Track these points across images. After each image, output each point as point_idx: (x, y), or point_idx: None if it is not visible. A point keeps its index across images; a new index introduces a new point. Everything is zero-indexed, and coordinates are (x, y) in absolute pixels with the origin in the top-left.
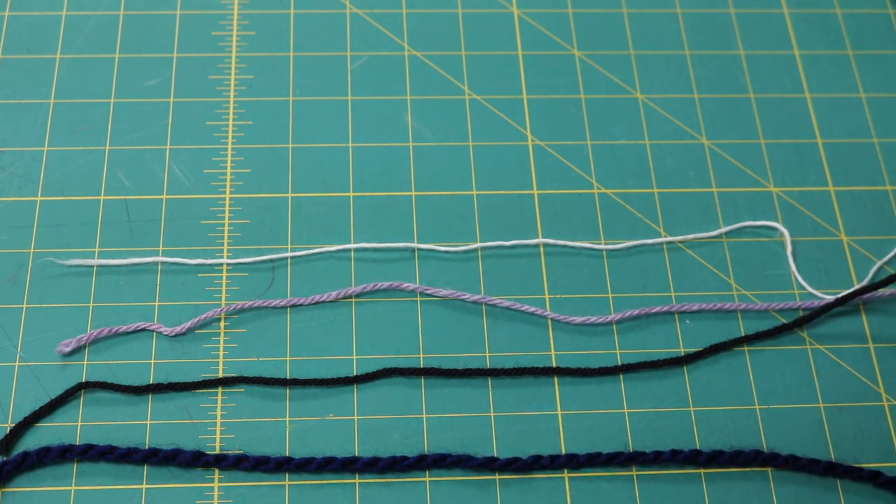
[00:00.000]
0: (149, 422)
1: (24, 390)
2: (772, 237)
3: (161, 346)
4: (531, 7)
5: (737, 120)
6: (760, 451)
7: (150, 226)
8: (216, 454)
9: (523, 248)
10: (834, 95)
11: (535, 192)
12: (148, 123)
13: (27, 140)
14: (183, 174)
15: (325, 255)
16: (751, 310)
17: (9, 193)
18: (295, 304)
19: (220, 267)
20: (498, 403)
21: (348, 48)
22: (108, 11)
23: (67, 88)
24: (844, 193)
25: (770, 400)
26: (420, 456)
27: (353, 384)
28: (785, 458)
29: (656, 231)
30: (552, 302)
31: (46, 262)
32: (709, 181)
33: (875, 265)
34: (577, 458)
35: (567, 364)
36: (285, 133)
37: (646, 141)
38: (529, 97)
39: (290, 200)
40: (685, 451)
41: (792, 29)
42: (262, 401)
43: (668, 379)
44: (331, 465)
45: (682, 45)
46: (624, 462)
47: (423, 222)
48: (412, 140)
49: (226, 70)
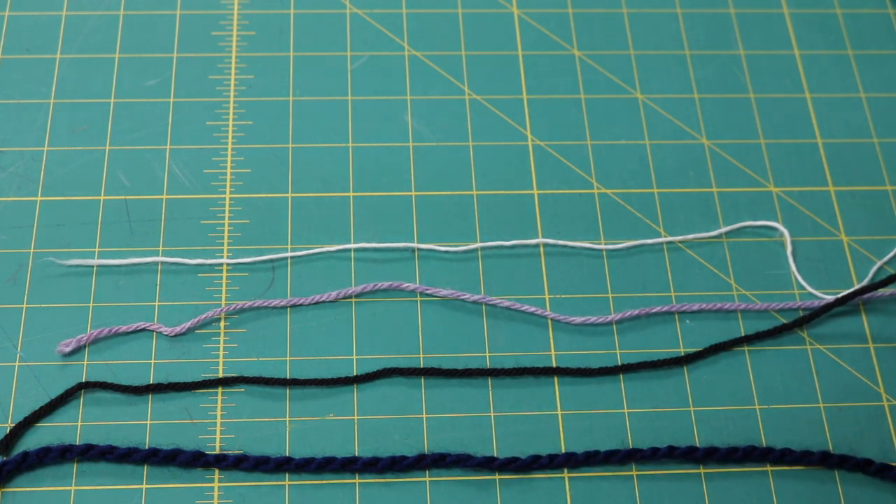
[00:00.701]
0: (149, 422)
1: (24, 390)
2: (772, 237)
3: (161, 346)
4: (531, 7)
5: (737, 120)
6: (755, 447)
7: (150, 226)
8: (216, 454)
9: (523, 248)
10: (834, 95)
11: (535, 192)
12: (148, 123)
13: (27, 140)
14: (183, 174)
15: (325, 255)
16: (751, 310)
17: (9, 193)
18: (295, 304)
19: (220, 267)
20: (498, 403)
21: (348, 48)
22: (108, 11)
23: (67, 88)
24: (844, 193)
25: (770, 400)
26: (419, 455)
27: (353, 384)
28: (780, 451)
29: (656, 231)
30: (552, 302)
31: (46, 262)
32: (709, 181)
33: (875, 265)
34: (576, 456)
35: (567, 364)
36: (285, 133)
37: (646, 141)
38: (529, 97)
39: (290, 200)
40: (682, 448)
41: (792, 29)
42: (262, 401)
43: (668, 379)
44: (331, 465)
45: (682, 45)
46: (622, 459)
47: (423, 222)
48: (412, 140)
49: (226, 70)
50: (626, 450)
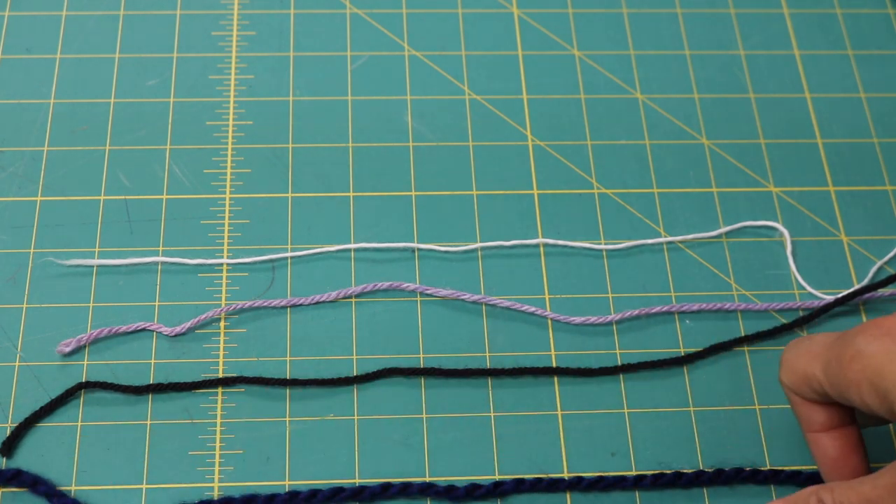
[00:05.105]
0: (149, 422)
1: (24, 390)
2: (772, 237)
3: (161, 346)
4: (531, 7)
5: (737, 120)
6: (758, 471)
7: (150, 226)
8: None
9: (523, 248)
10: (834, 95)
11: (535, 192)
12: (148, 123)
13: (27, 140)
14: (183, 174)
15: (325, 255)
16: (751, 310)
17: (9, 193)
18: (295, 304)
19: (220, 267)
20: (498, 403)
21: (348, 48)
22: (108, 11)
23: (67, 88)
24: (844, 193)
25: (770, 400)
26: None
27: (353, 384)
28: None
29: (656, 231)
30: (552, 302)
31: (46, 262)
32: (709, 181)
33: (875, 265)
34: (583, 480)
35: (567, 364)
36: (285, 133)
37: (646, 141)
38: (529, 97)
39: (290, 200)
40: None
41: (792, 29)
42: (262, 401)
43: (668, 379)
44: (340, 495)
45: (682, 45)
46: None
47: (423, 222)
48: (412, 140)
49: (226, 70)
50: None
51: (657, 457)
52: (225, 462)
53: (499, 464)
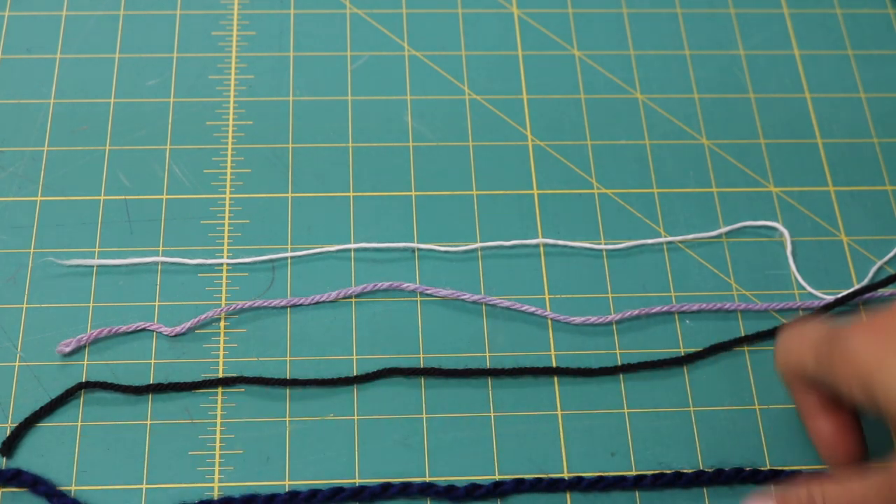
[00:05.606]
0: (149, 422)
1: (24, 390)
2: (772, 237)
3: (161, 346)
4: (531, 7)
5: (737, 120)
6: (758, 471)
7: (150, 226)
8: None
9: (523, 248)
10: (834, 95)
11: (535, 192)
12: (148, 123)
13: (27, 140)
14: (183, 174)
15: (325, 255)
16: (751, 310)
17: (9, 193)
18: (295, 304)
19: (220, 267)
20: (498, 403)
21: (348, 48)
22: (108, 11)
23: (67, 88)
24: (844, 193)
25: (770, 400)
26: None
27: (353, 384)
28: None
29: (656, 231)
30: (552, 302)
31: (46, 262)
32: (709, 181)
33: (875, 265)
34: (583, 480)
35: (567, 364)
36: (285, 133)
37: (646, 141)
38: (529, 97)
39: (290, 200)
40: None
41: (792, 29)
42: (262, 401)
43: (668, 379)
44: (340, 496)
45: (682, 45)
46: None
47: (423, 222)
48: (412, 140)
49: (226, 70)
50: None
51: (657, 457)
52: (225, 462)
53: (499, 464)
